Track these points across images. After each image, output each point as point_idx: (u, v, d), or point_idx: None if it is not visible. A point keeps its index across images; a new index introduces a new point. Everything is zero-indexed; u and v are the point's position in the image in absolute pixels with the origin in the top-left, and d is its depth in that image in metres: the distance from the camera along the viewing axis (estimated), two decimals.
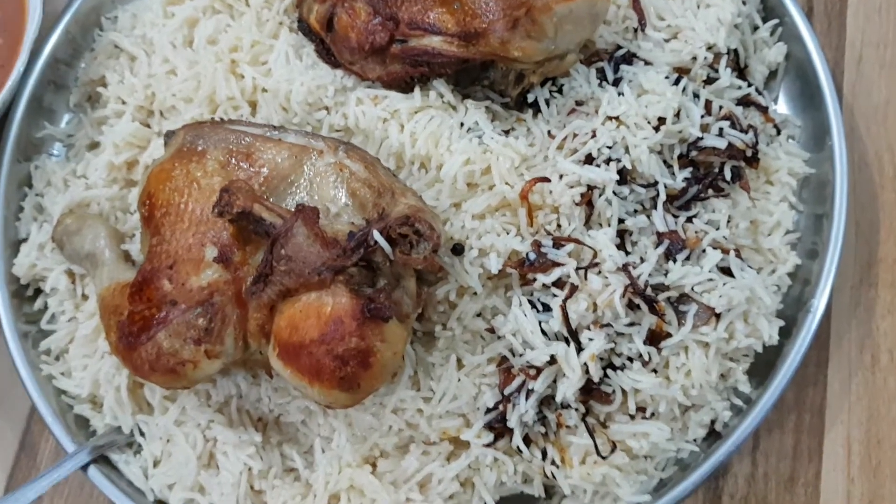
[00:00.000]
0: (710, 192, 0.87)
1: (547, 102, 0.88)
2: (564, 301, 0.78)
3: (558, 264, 0.80)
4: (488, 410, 0.80)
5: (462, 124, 0.86)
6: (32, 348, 0.91)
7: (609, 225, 0.82)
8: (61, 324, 0.92)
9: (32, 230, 0.95)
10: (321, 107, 0.89)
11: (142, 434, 0.87)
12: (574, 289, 0.79)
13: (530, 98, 0.88)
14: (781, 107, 0.96)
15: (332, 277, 0.73)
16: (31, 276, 0.94)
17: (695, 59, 0.90)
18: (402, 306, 0.73)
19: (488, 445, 0.80)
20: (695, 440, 0.83)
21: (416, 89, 0.87)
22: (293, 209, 0.76)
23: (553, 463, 0.80)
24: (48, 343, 0.92)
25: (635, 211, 0.84)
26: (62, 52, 1.02)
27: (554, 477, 0.80)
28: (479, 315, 0.83)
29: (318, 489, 0.81)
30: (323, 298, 0.73)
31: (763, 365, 0.85)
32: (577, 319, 0.78)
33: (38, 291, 0.95)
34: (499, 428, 0.80)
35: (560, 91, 0.89)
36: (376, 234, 0.71)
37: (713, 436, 0.84)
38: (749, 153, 0.88)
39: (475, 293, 0.82)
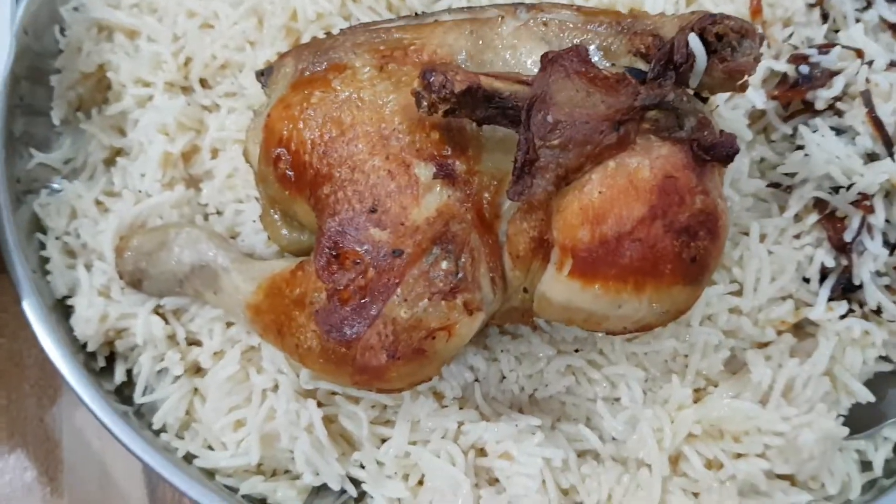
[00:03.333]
0: None
1: None
2: (870, 111, 0.61)
3: (837, 72, 0.62)
4: (824, 276, 0.61)
5: None
6: (146, 431, 0.62)
7: (853, 20, 0.66)
8: (166, 386, 0.64)
9: (80, 278, 0.66)
10: None
11: (356, 484, 0.60)
12: (868, 96, 0.62)
13: None
14: None
15: (636, 127, 0.51)
16: (103, 335, 0.66)
17: None
18: (732, 141, 0.53)
19: (844, 317, 0.60)
20: None
21: None
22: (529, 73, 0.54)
23: None
24: (162, 417, 0.63)
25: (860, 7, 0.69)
26: (20, 67, 0.74)
27: None
28: (750, 175, 0.63)
29: (647, 455, 0.57)
30: (629, 162, 0.51)
31: None
32: (892, 126, 0.61)
33: (111, 358, 0.66)
34: (844, 292, 0.61)
35: None
36: (692, 38, 0.51)
37: None
38: None
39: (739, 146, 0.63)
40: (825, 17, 0.68)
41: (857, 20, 0.69)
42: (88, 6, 0.78)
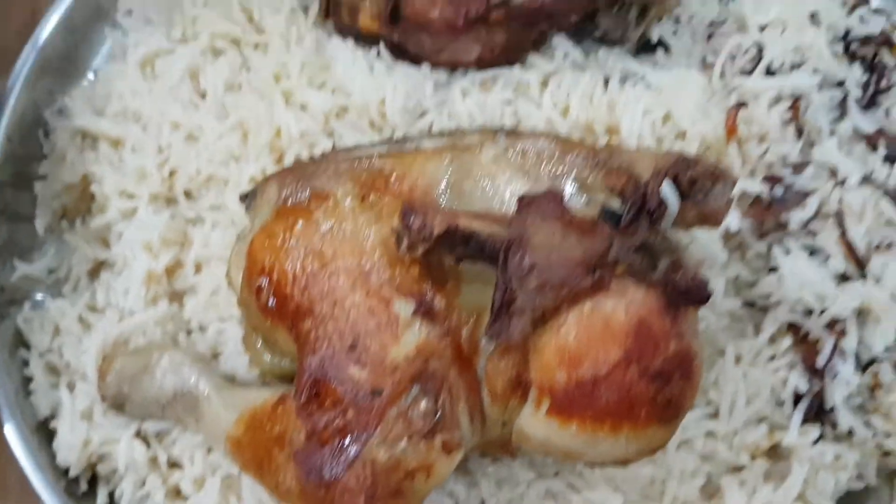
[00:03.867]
0: (885, 82, 0.74)
1: (674, 34, 0.74)
2: (841, 234, 0.62)
3: (808, 192, 0.64)
4: (797, 399, 0.62)
5: (606, 79, 0.69)
6: None
7: (827, 137, 0.68)
8: None
9: (63, 402, 0.66)
10: (421, 111, 0.69)
11: None
12: (840, 217, 0.63)
13: (654, 38, 0.73)
14: None
15: (611, 272, 0.52)
16: (86, 460, 0.66)
17: None
18: (705, 283, 0.54)
19: (815, 443, 0.61)
20: None
21: (530, 56, 0.70)
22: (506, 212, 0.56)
23: (886, 435, 0.62)
24: None
25: (833, 119, 0.71)
26: (4, 174, 0.75)
27: (889, 453, 0.63)
28: (724, 293, 0.65)
29: None
30: (605, 304, 0.52)
31: None
32: (861, 250, 0.62)
33: (92, 482, 0.66)
34: (817, 416, 0.62)
35: (678, 21, 0.75)
36: (666, 184, 0.52)
37: None
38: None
39: (710, 267, 0.64)
40: (800, 131, 0.69)
41: (832, 132, 0.70)
42: (72, 110, 0.79)
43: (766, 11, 0.74)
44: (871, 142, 0.71)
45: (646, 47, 0.75)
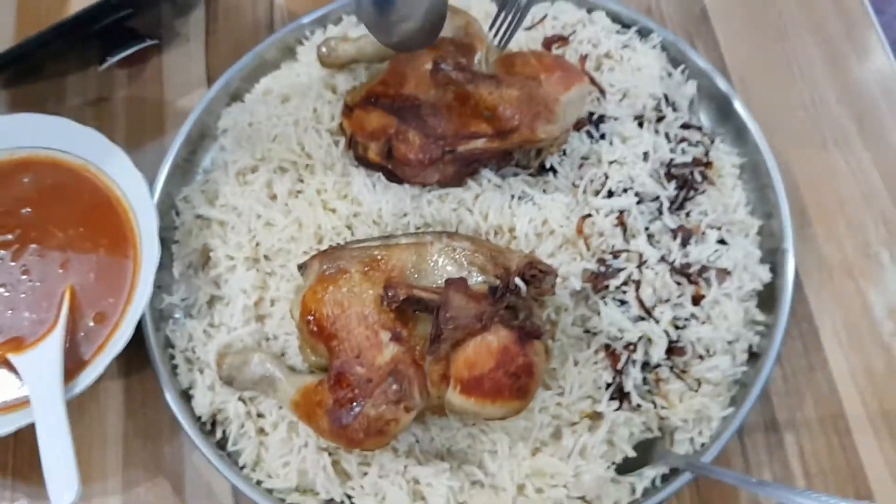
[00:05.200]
0: (693, 192, 1.20)
1: (560, 164, 1.20)
2: (637, 292, 1.10)
3: (621, 269, 1.11)
4: (608, 386, 1.09)
5: (513, 195, 1.16)
6: (234, 466, 1.12)
7: (640, 234, 1.14)
8: (246, 441, 1.13)
9: (196, 379, 1.15)
10: (403, 214, 1.17)
11: (350, 498, 1.10)
12: (638, 283, 1.11)
13: (547, 165, 1.20)
14: (705, 124, 1.32)
15: (490, 321, 1.00)
16: (210, 413, 1.14)
17: (644, 106, 1.25)
18: (542, 326, 1.02)
19: (616, 410, 1.09)
20: (741, 364, 1.14)
21: (469, 181, 1.17)
22: (439, 286, 1.04)
23: (662, 408, 1.10)
24: (243, 459, 1.12)
25: (651, 220, 1.17)
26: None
27: (665, 418, 1.10)
28: (574, 324, 1.12)
29: (505, 484, 1.06)
30: (488, 338, 0.99)
31: (765, 299, 1.18)
32: (648, 302, 1.10)
33: (213, 425, 1.16)
34: (618, 396, 1.09)
35: (565, 153, 1.21)
36: (517, 280, 1.00)
37: (753, 357, 1.15)
38: (704, 160, 1.23)
39: (566, 309, 1.11)
40: (624, 230, 1.16)
41: (647, 229, 1.16)
42: (193, 200, 1.27)
43: (614, 152, 1.20)
44: (675, 234, 1.17)
45: (542, 170, 1.23)
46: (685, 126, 1.25)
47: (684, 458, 1.07)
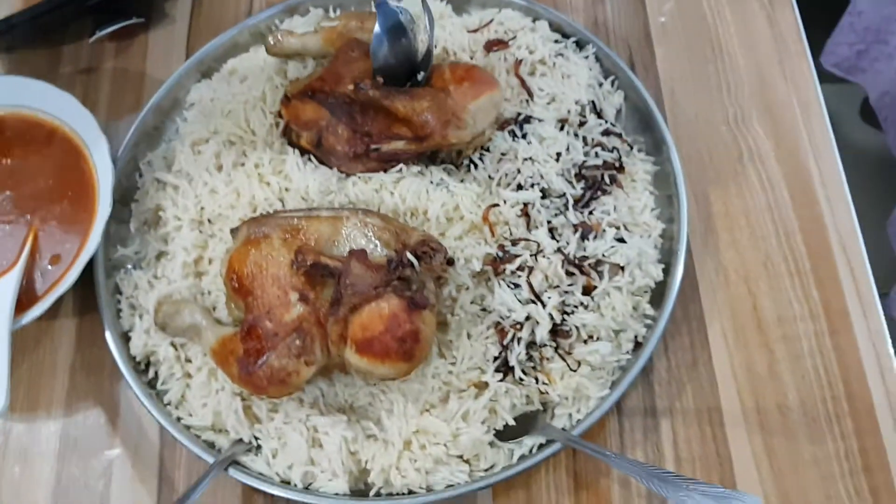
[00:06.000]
0: (599, 193, 1.30)
1: (481, 159, 1.32)
2: (528, 277, 1.21)
3: (518, 255, 1.22)
4: (494, 359, 1.20)
5: (431, 181, 1.28)
6: (161, 404, 1.25)
7: (542, 226, 1.25)
8: (173, 382, 1.26)
9: (136, 323, 1.28)
10: (329, 192, 1.29)
11: (257, 439, 1.22)
12: (531, 269, 1.22)
13: (470, 160, 1.32)
14: (627, 132, 1.42)
15: (384, 290, 1.12)
16: (144, 354, 1.26)
17: (570, 111, 1.36)
18: (430, 299, 1.13)
19: (500, 381, 1.20)
20: (627, 352, 1.25)
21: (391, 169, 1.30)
22: (345, 255, 1.16)
23: (543, 384, 1.21)
24: (168, 397, 1.25)
25: (555, 214, 1.28)
26: (117, 195, 1.38)
27: (546, 393, 1.21)
28: (472, 302, 1.23)
29: (393, 439, 1.17)
30: (380, 304, 1.11)
31: (658, 296, 1.28)
32: (538, 287, 1.20)
33: (147, 365, 1.30)
34: (504, 369, 1.20)
35: (487, 150, 1.32)
36: (408, 255, 1.12)
37: (638, 347, 1.26)
38: (617, 164, 1.33)
39: (467, 288, 1.22)
40: (528, 221, 1.27)
41: (549, 222, 1.27)
42: (154, 164, 1.41)
43: (530, 150, 1.31)
44: (576, 228, 1.28)
45: (465, 165, 1.34)
46: (606, 133, 1.35)
47: (560, 431, 1.18)
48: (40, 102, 1.37)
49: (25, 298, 1.24)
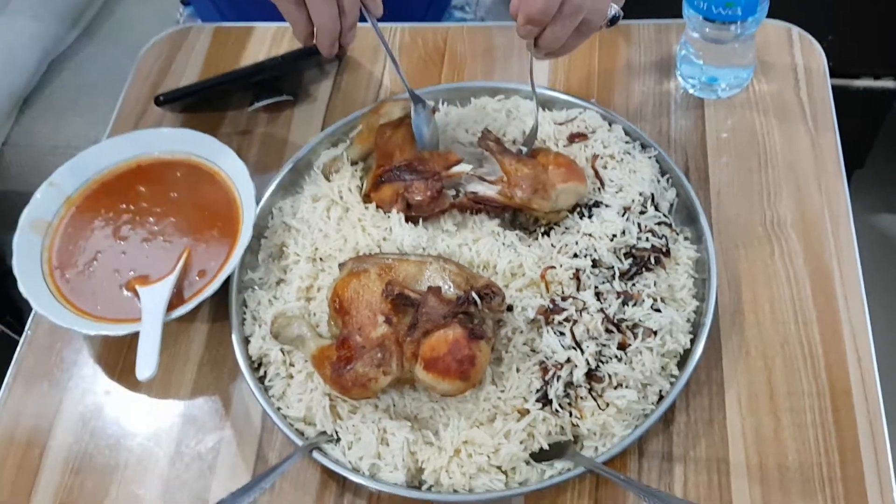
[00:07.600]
0: (644, 270, 1.56)
1: (551, 231, 1.60)
2: (572, 328, 1.46)
3: (565, 309, 1.49)
4: (537, 391, 1.44)
5: (504, 243, 1.57)
6: (268, 397, 1.56)
7: (590, 289, 1.51)
8: (278, 380, 1.56)
9: (255, 330, 1.59)
10: (421, 247, 1.60)
11: (337, 433, 1.51)
12: (575, 322, 1.48)
13: (541, 230, 1.60)
14: (676, 223, 1.67)
15: (451, 320, 1.40)
16: (259, 356, 1.56)
17: (633, 201, 1.63)
18: (488, 332, 1.41)
19: (539, 410, 1.45)
20: (651, 402, 1.48)
21: (473, 227, 1.59)
22: (424, 291, 1.45)
23: (576, 418, 1.45)
24: (273, 391, 1.55)
25: (602, 282, 1.54)
26: (254, 231, 1.72)
27: (577, 426, 1.45)
28: (524, 343, 1.49)
29: (446, 446, 1.42)
30: (447, 331, 1.38)
31: (683, 361, 1.51)
32: (579, 337, 1.45)
33: (259, 365, 1.61)
34: (543, 401, 1.44)
35: (557, 224, 1.61)
36: (473, 294, 1.40)
37: (661, 400, 1.49)
38: (664, 249, 1.58)
39: (521, 331, 1.49)
40: (578, 283, 1.53)
41: (595, 287, 1.53)
42: (284, 211, 1.74)
43: (589, 226, 1.58)
44: (619, 295, 1.53)
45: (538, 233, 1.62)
46: (660, 223, 1.62)
47: (587, 458, 1.41)
48: (206, 152, 1.73)
49: (175, 300, 1.57)
